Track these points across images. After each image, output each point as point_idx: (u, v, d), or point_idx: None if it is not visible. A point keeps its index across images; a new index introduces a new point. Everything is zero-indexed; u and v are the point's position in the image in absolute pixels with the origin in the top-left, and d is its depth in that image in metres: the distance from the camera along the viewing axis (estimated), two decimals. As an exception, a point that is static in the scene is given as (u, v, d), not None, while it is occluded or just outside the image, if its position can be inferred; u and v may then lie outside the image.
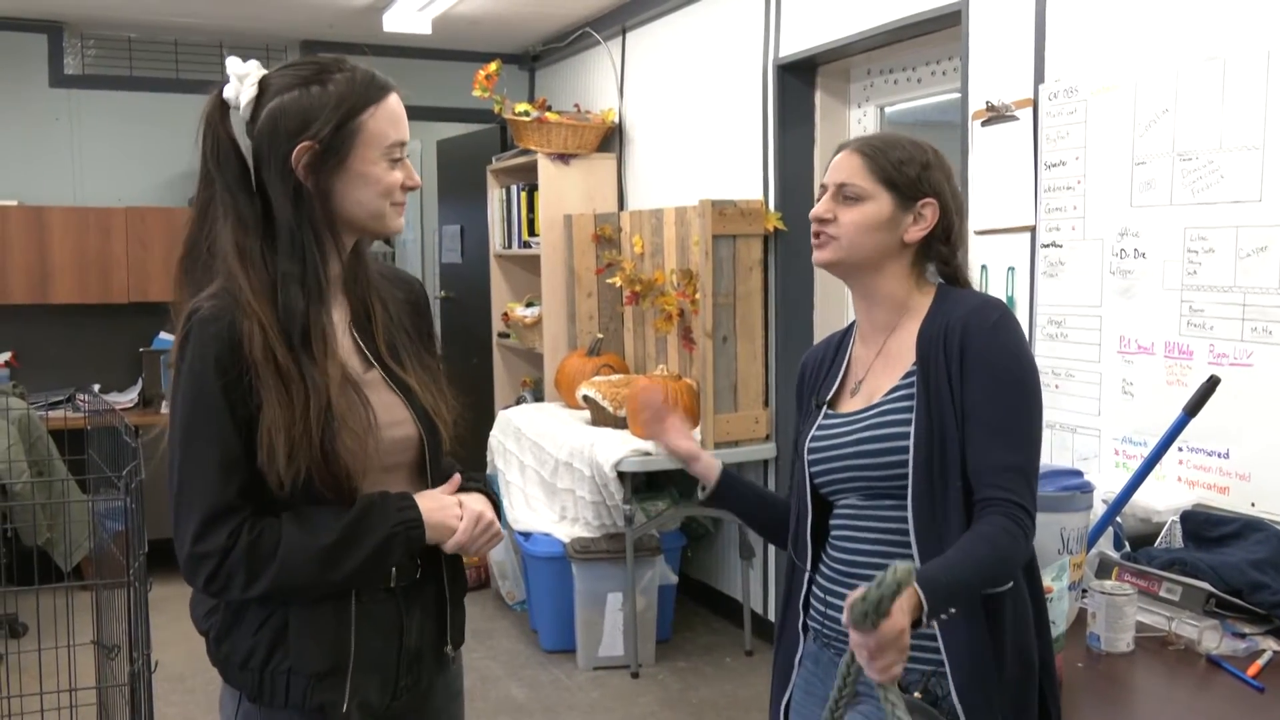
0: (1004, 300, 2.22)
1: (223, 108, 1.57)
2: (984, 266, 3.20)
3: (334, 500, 1.54)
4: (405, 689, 1.67)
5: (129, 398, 5.58)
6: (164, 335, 5.68)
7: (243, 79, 1.55)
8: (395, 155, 1.58)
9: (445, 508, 1.62)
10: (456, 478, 1.70)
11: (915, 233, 1.72)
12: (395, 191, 1.60)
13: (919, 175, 1.71)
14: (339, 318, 1.64)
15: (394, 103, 1.59)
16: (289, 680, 1.56)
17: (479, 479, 1.78)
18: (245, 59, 1.58)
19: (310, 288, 1.55)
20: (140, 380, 5.64)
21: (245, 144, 1.57)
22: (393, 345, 1.68)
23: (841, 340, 1.87)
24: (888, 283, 1.74)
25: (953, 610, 1.53)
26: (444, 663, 1.74)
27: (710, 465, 1.90)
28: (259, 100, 1.55)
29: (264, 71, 1.58)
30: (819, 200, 1.76)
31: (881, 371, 1.74)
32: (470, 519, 1.63)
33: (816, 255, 1.76)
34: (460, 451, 1.83)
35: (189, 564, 1.49)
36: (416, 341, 1.73)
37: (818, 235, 1.75)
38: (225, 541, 1.48)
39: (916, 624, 1.44)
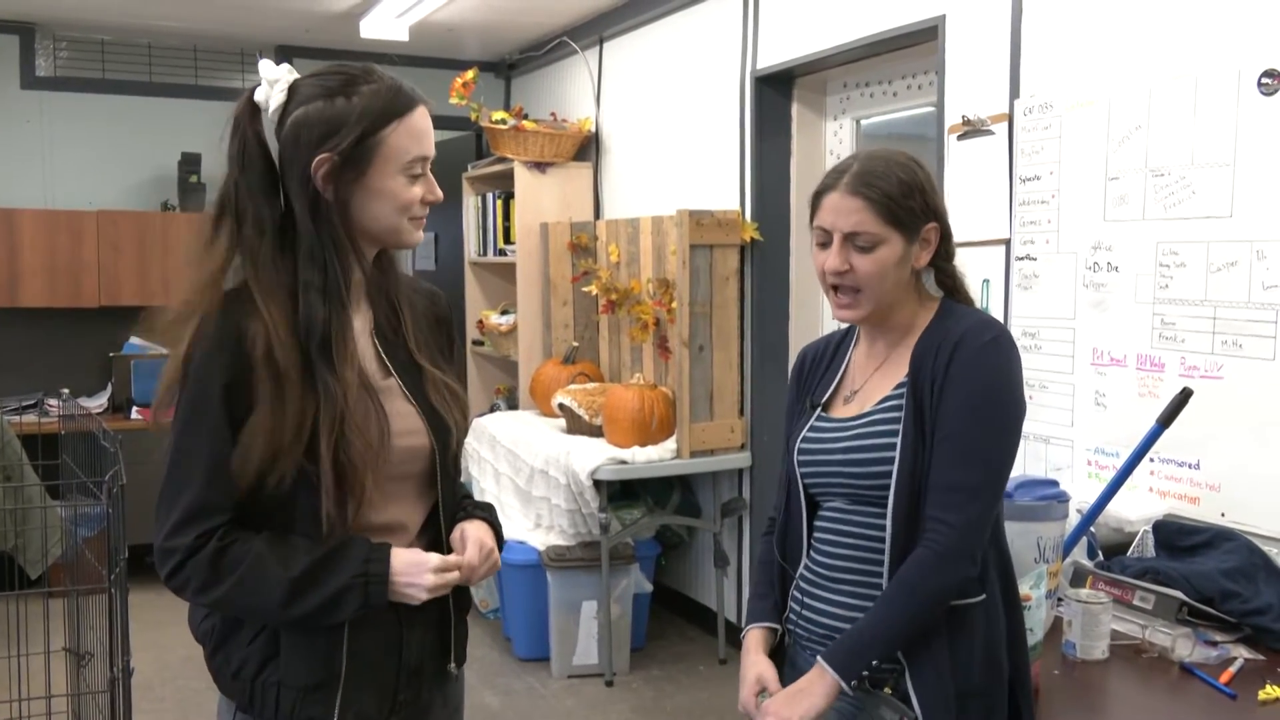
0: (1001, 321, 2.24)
1: (253, 109, 1.56)
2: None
3: (339, 508, 1.51)
4: (405, 703, 1.66)
5: (98, 403, 5.52)
6: (134, 340, 5.64)
7: (273, 83, 1.55)
8: (415, 171, 1.57)
9: (418, 567, 1.56)
10: (466, 543, 1.64)
11: (924, 258, 1.73)
12: (413, 206, 1.58)
13: (921, 204, 1.69)
14: (360, 324, 1.63)
15: (418, 117, 1.57)
16: (279, 692, 1.55)
17: (485, 506, 1.77)
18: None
19: (331, 295, 1.54)
20: (109, 385, 5.59)
21: (274, 147, 1.56)
22: (412, 355, 1.67)
23: (842, 341, 1.87)
24: (899, 310, 1.74)
25: (875, 664, 1.61)
26: (445, 678, 1.73)
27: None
28: (287, 106, 1.54)
29: (295, 77, 1.57)
30: (820, 247, 1.72)
31: (878, 381, 1.76)
32: (475, 548, 1.62)
33: (844, 314, 1.73)
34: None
35: (158, 554, 1.51)
36: (436, 353, 1.72)
37: (836, 289, 1.71)
38: (193, 542, 1.48)
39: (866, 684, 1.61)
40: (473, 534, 1.66)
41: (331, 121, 1.52)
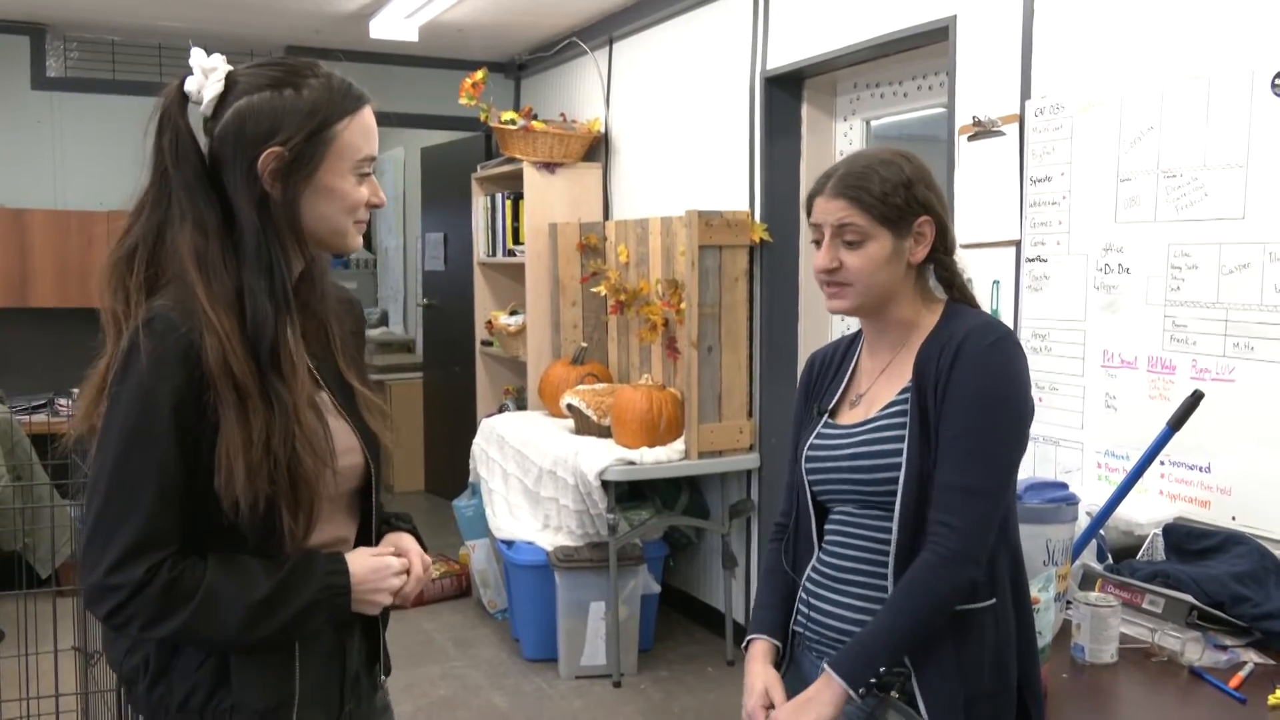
0: (1007, 324, 2.24)
1: (182, 100, 1.46)
2: (969, 280, 3.22)
3: (291, 527, 1.44)
4: (349, 713, 1.62)
5: (108, 402, 5.53)
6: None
7: (208, 73, 1.45)
8: (364, 170, 1.50)
9: (381, 573, 1.53)
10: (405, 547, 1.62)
11: (920, 252, 1.73)
12: (359, 209, 1.51)
13: (906, 199, 1.70)
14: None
15: (368, 115, 1.50)
16: (231, 719, 1.48)
17: (405, 517, 1.73)
18: (210, 54, 1.47)
19: (279, 299, 1.45)
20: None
21: (203, 141, 1.47)
22: (341, 372, 1.60)
23: (849, 347, 1.88)
24: (899, 308, 1.75)
25: (882, 670, 1.61)
26: (375, 689, 1.70)
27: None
28: (224, 98, 1.45)
29: (230, 67, 1.47)
30: (816, 245, 1.75)
31: (884, 386, 1.76)
32: (419, 566, 1.59)
33: (833, 304, 1.76)
34: (442, 463, 1.79)
35: (94, 591, 1.38)
36: (362, 370, 1.65)
37: (829, 285, 1.74)
38: (142, 576, 1.36)
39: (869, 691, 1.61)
40: (412, 546, 1.63)
41: (281, 114, 1.44)
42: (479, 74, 5.14)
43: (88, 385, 1.47)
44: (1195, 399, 2.36)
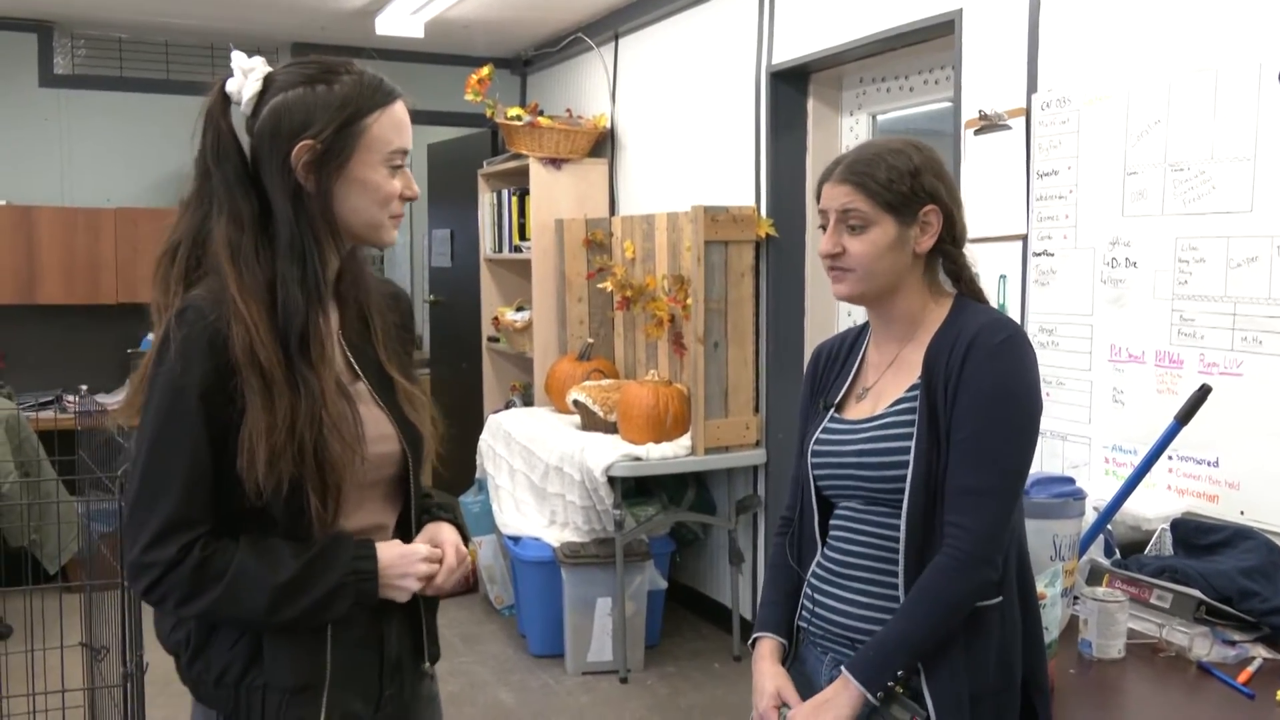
0: (1015, 319, 2.22)
1: (225, 101, 1.53)
2: (977, 274, 3.21)
3: (319, 511, 1.48)
4: (390, 699, 1.64)
5: (116, 399, 5.55)
6: (151, 337, 5.66)
7: (247, 73, 1.52)
8: (396, 163, 1.54)
9: (408, 559, 1.57)
10: (441, 538, 1.65)
11: (926, 242, 1.72)
12: (393, 202, 1.55)
13: (911, 187, 1.69)
14: (329, 325, 1.58)
15: (400, 109, 1.56)
16: (264, 696, 1.52)
17: (448, 506, 1.75)
18: (250, 55, 1.54)
19: (310, 289, 1.50)
20: (127, 382, 5.61)
21: (245, 140, 1.53)
22: (381, 365, 1.64)
23: (856, 339, 1.86)
24: (905, 299, 1.74)
25: (900, 674, 1.61)
26: (421, 677, 1.72)
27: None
28: (262, 96, 1.51)
29: (269, 68, 1.54)
30: (823, 230, 1.75)
31: (891, 380, 1.75)
32: (454, 558, 1.61)
33: (836, 290, 1.75)
34: (449, 459, 1.80)
35: (133, 569, 1.46)
36: (405, 363, 1.69)
37: (832, 270, 1.74)
38: (175, 555, 1.43)
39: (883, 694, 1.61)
40: (449, 538, 1.65)
41: (313, 108, 1.50)
42: (485, 70, 5.14)
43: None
44: (1203, 393, 2.35)
